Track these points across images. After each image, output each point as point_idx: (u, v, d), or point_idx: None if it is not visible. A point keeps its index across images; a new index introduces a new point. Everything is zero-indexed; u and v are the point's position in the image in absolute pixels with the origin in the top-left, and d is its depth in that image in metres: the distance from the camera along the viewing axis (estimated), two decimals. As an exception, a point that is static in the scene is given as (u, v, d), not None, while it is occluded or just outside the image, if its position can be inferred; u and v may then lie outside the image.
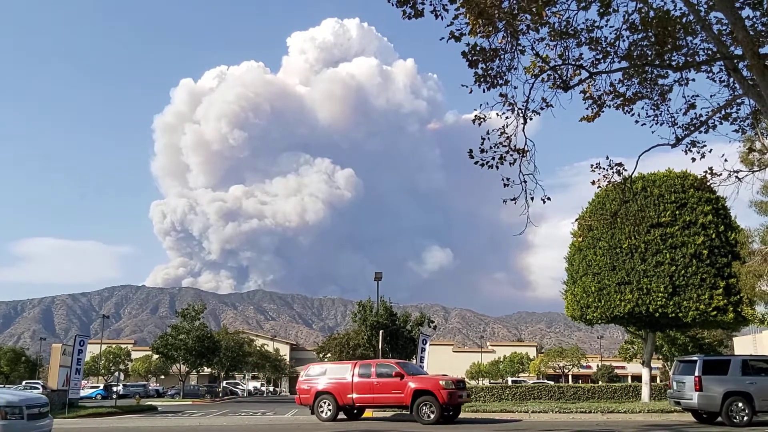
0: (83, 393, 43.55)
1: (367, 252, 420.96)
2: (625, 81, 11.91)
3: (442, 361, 72.23)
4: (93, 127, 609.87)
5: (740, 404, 17.21)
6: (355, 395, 20.73)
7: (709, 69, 11.84)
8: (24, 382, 53.85)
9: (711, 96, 11.97)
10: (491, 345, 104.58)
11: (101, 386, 59.39)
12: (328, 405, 20.95)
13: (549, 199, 11.58)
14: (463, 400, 20.61)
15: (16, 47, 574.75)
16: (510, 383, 52.09)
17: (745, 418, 17.08)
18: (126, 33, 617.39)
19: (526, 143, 11.30)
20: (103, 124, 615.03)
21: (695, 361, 18.33)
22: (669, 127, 12.26)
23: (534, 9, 9.93)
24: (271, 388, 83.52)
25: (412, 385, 19.80)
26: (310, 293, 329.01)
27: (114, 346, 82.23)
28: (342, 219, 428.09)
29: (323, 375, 21.83)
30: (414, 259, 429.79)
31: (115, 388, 44.65)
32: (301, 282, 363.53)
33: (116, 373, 57.93)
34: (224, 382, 70.47)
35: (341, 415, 21.38)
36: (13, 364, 67.78)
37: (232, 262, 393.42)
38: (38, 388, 38.59)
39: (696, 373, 17.79)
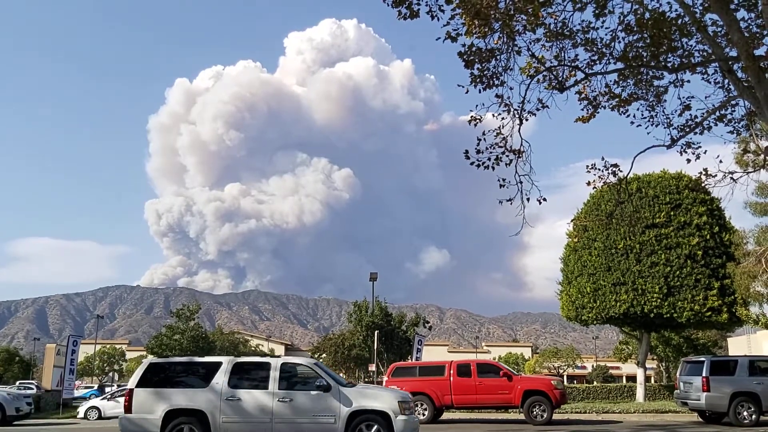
0: (77, 393, 43.35)
1: (364, 252, 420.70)
2: (621, 82, 11.94)
3: (438, 362, 71.87)
4: (89, 127, 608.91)
5: (748, 404, 17.31)
6: (454, 396, 20.07)
7: (704, 70, 11.89)
8: (18, 383, 53.52)
9: (706, 97, 12.05)
10: (486, 345, 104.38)
11: (95, 386, 59.12)
12: (424, 407, 20.04)
13: (545, 199, 11.60)
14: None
15: (16, 47, 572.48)
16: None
17: (753, 416, 17.22)
18: (122, 32, 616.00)
19: (521, 144, 11.34)
20: (100, 124, 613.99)
21: (702, 362, 18.38)
22: (664, 128, 12.32)
23: (530, 10, 9.94)
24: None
25: (523, 385, 19.43)
26: (306, 293, 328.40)
27: (108, 346, 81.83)
28: (339, 219, 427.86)
29: (414, 375, 21.11)
30: (411, 259, 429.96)
31: (108, 389, 44.41)
32: (297, 282, 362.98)
33: (110, 374, 57.69)
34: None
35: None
36: (7, 364, 67.32)
37: (229, 262, 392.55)
38: (32, 389, 38.38)
39: (703, 374, 17.83)
